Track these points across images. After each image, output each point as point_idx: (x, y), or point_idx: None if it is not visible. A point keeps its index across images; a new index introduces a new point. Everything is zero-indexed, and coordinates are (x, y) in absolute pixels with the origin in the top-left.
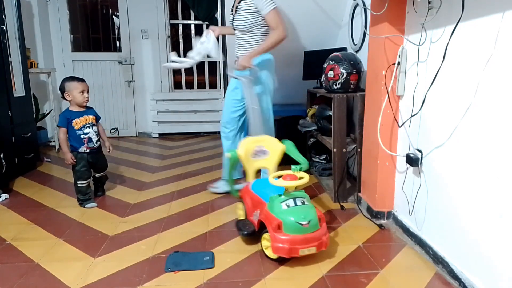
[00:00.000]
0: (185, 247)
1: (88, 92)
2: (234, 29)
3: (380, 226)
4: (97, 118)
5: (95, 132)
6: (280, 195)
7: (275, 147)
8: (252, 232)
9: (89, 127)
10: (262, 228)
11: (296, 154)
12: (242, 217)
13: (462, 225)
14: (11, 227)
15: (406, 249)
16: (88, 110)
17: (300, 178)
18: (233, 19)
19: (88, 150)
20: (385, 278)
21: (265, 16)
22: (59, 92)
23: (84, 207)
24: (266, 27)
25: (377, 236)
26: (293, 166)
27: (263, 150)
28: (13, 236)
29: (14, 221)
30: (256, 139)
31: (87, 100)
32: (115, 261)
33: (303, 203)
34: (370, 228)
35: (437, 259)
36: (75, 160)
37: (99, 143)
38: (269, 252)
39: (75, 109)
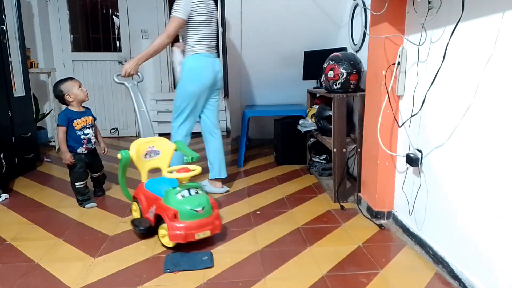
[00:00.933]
0: (185, 247)
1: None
2: None
3: (380, 226)
4: (94, 119)
5: (94, 133)
6: (175, 187)
7: (166, 147)
8: (149, 228)
9: (89, 127)
10: (158, 222)
11: (186, 150)
12: (137, 217)
13: (462, 225)
14: (11, 227)
15: (406, 249)
16: (87, 110)
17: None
18: None
19: (86, 151)
20: (385, 278)
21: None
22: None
23: (84, 207)
24: (193, 33)
25: (377, 236)
26: (184, 157)
27: (154, 150)
28: (13, 236)
29: (14, 221)
30: (147, 140)
31: (88, 94)
32: (115, 261)
33: (196, 192)
34: (370, 228)
35: (437, 259)
36: (73, 160)
37: (95, 144)
38: (166, 241)
39: (75, 109)
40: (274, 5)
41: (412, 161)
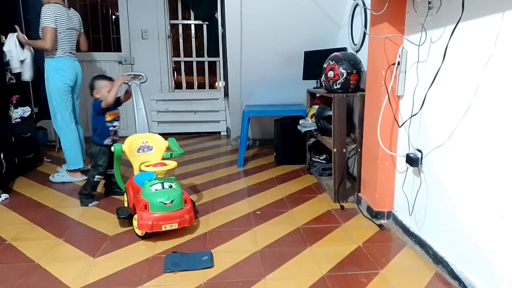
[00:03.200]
0: (185, 247)
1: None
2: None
3: (380, 226)
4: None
5: (119, 126)
6: (150, 180)
7: (159, 143)
8: (129, 216)
9: (117, 120)
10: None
11: (174, 146)
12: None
13: (462, 225)
14: (11, 227)
15: (406, 249)
16: (116, 105)
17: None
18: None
19: (111, 143)
20: (385, 278)
21: (41, 28)
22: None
23: (87, 205)
24: (57, 39)
25: (377, 236)
26: (165, 153)
27: (148, 145)
28: (13, 236)
29: (14, 221)
30: (141, 135)
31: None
32: (115, 261)
33: (170, 186)
34: (370, 228)
35: (437, 259)
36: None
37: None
38: (138, 231)
39: None
40: (274, 5)
41: (412, 161)
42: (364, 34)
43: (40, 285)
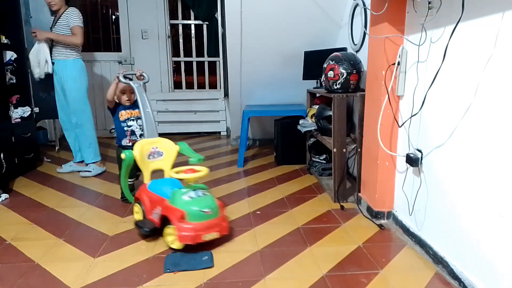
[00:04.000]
0: (185, 247)
1: (131, 93)
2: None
3: (380, 226)
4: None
5: (139, 125)
6: (181, 188)
7: (170, 148)
8: (154, 229)
9: (133, 120)
10: (163, 224)
11: (189, 152)
12: (139, 218)
13: (462, 225)
14: (11, 227)
15: (406, 249)
16: (134, 105)
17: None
18: (51, 28)
19: (130, 144)
20: (385, 278)
21: (71, 27)
22: None
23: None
24: None
25: (377, 236)
26: (190, 159)
27: (158, 151)
28: (13, 236)
29: (14, 221)
30: (151, 140)
31: (128, 101)
32: (115, 261)
33: (203, 194)
34: (370, 228)
35: (437, 259)
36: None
37: (142, 137)
38: (176, 244)
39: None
40: (274, 5)
41: (412, 161)
42: (364, 34)
43: (40, 285)
